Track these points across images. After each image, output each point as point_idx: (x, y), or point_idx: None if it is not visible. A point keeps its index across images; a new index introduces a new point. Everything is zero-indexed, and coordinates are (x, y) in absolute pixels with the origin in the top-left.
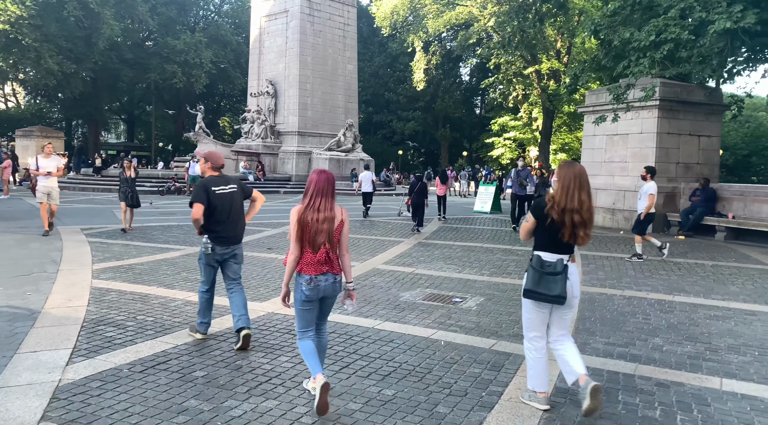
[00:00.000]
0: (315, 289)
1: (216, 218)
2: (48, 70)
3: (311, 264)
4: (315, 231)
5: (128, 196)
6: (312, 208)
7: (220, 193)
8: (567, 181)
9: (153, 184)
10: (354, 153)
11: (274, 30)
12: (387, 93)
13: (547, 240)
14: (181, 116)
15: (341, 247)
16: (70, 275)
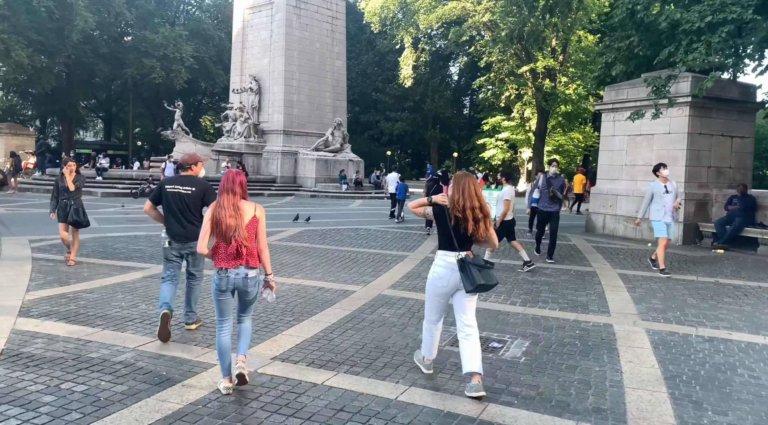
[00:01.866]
0: (224, 281)
1: (167, 215)
2: (18, 63)
3: (224, 257)
4: (226, 227)
5: (68, 210)
6: (219, 206)
7: (171, 191)
8: (463, 185)
9: (126, 185)
10: (343, 153)
11: (258, 23)
12: (375, 93)
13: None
14: (160, 114)
15: (258, 243)
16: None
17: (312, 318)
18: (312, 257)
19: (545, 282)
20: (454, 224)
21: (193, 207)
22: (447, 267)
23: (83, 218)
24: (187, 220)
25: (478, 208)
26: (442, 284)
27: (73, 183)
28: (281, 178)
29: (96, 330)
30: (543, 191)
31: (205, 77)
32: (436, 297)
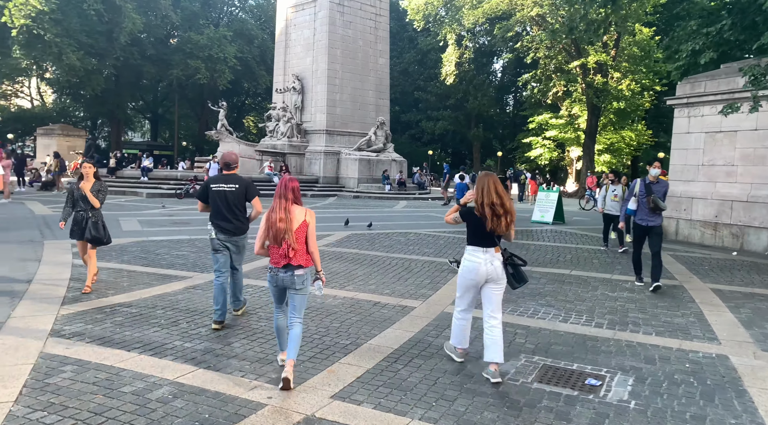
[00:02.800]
0: (273, 278)
1: (213, 212)
2: (70, 66)
3: (275, 257)
4: (276, 229)
5: (85, 225)
6: (272, 209)
7: (217, 189)
8: (484, 184)
9: (171, 185)
10: (385, 153)
11: (301, 21)
12: (416, 91)
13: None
14: (204, 114)
15: (308, 246)
16: (21, 327)
17: (371, 341)
18: (363, 265)
19: (629, 299)
20: (479, 221)
21: (238, 203)
22: (476, 262)
23: (103, 233)
24: (232, 216)
25: (498, 204)
26: (471, 277)
27: (90, 192)
28: (324, 178)
29: (132, 356)
30: (641, 200)
31: (248, 77)
32: (466, 289)
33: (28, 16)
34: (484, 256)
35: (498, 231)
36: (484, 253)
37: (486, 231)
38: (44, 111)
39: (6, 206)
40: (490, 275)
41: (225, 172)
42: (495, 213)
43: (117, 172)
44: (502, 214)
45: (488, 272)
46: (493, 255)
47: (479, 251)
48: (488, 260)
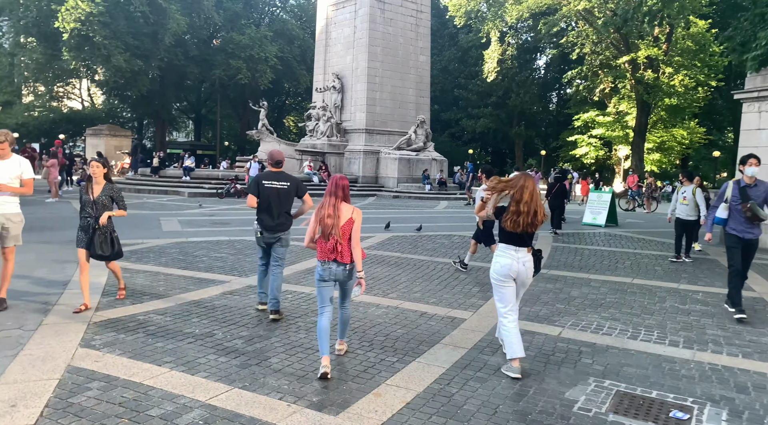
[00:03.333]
0: (326, 271)
1: (261, 207)
2: (116, 67)
3: (324, 251)
4: (323, 224)
5: (92, 234)
6: (322, 205)
7: (269, 186)
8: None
9: (212, 185)
10: (426, 152)
11: (341, 19)
12: (456, 89)
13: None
14: (246, 115)
15: (353, 241)
16: (52, 335)
17: (419, 359)
18: (406, 270)
19: (704, 313)
20: (513, 220)
21: (287, 200)
22: (509, 258)
23: (112, 249)
24: (279, 213)
25: (528, 202)
26: (504, 272)
27: (99, 196)
28: (363, 177)
29: (162, 372)
30: (734, 206)
31: (289, 77)
32: (501, 285)
33: (77, 20)
34: (516, 255)
35: (529, 231)
36: (516, 252)
37: (521, 229)
38: (94, 112)
39: (53, 205)
40: (519, 274)
41: (274, 170)
42: (527, 213)
43: (160, 172)
44: (524, 212)
45: (519, 271)
46: (525, 254)
47: (511, 250)
48: (520, 259)
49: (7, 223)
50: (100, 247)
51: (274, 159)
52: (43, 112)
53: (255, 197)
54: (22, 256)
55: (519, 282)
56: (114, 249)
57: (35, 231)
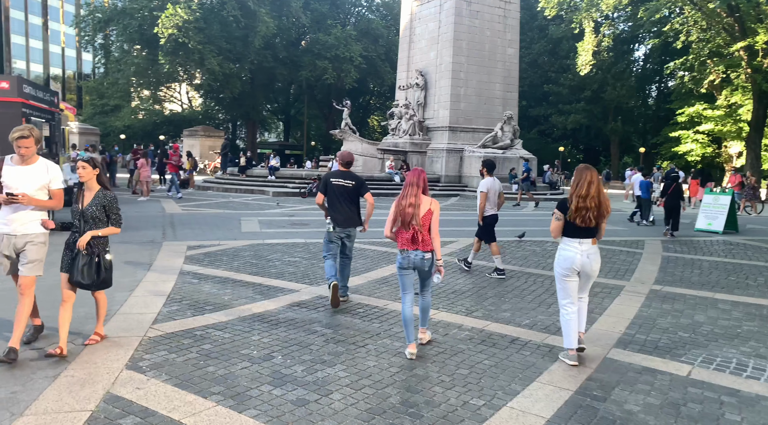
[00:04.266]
0: (405, 260)
1: (331, 204)
2: (210, 70)
3: (404, 240)
4: (405, 214)
5: (75, 253)
6: (403, 196)
7: (336, 184)
8: (581, 177)
9: (296, 184)
10: (513, 150)
11: (426, 14)
12: (546, 84)
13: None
14: (331, 115)
15: (432, 231)
16: (98, 354)
17: (512, 403)
18: (493, 283)
19: None
20: (582, 215)
21: (353, 197)
22: (572, 251)
23: (97, 276)
24: (347, 208)
25: (590, 197)
26: (567, 265)
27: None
28: (445, 177)
29: (206, 407)
30: None
31: (374, 76)
32: (564, 278)
33: (175, 26)
34: (580, 248)
35: (588, 224)
36: (579, 244)
37: (583, 223)
38: (191, 114)
39: (143, 204)
40: (584, 267)
41: (342, 169)
42: (586, 207)
43: (247, 171)
44: (592, 208)
45: (583, 263)
46: (589, 247)
47: (575, 242)
48: (584, 252)
49: (26, 246)
50: (81, 273)
51: (344, 159)
52: (146, 114)
53: (323, 195)
54: None
55: (584, 275)
56: (99, 277)
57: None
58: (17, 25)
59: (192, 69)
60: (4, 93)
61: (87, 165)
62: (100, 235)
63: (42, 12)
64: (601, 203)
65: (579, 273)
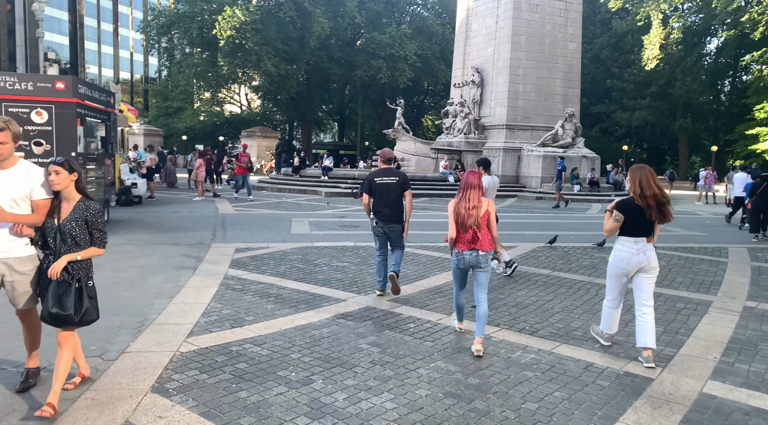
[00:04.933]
0: (460, 261)
1: (376, 201)
2: (267, 72)
3: (462, 242)
4: (466, 216)
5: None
6: (464, 199)
7: (380, 182)
8: (640, 176)
9: (348, 185)
10: (574, 148)
11: (483, 10)
12: (609, 80)
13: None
14: (385, 114)
15: (490, 229)
16: (124, 373)
17: None
18: (559, 294)
19: None
20: (639, 212)
21: (396, 194)
22: (629, 251)
23: (80, 306)
24: (391, 205)
25: (660, 195)
26: (623, 266)
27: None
28: (502, 177)
29: None
30: None
31: (428, 74)
32: (617, 278)
33: (233, 28)
34: (636, 246)
35: (661, 222)
36: (635, 243)
37: (644, 221)
38: (250, 115)
39: (198, 204)
40: (642, 264)
41: (384, 166)
42: (658, 203)
43: (300, 171)
44: (665, 203)
45: (640, 261)
46: (645, 244)
47: (630, 241)
48: (641, 250)
49: (10, 275)
50: (58, 302)
51: (385, 156)
52: (207, 116)
53: (368, 195)
54: (145, 260)
55: (643, 271)
56: (82, 307)
57: (171, 231)
58: (90, 31)
59: (249, 70)
60: (60, 93)
61: (61, 169)
62: (80, 259)
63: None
64: (668, 198)
65: (636, 273)
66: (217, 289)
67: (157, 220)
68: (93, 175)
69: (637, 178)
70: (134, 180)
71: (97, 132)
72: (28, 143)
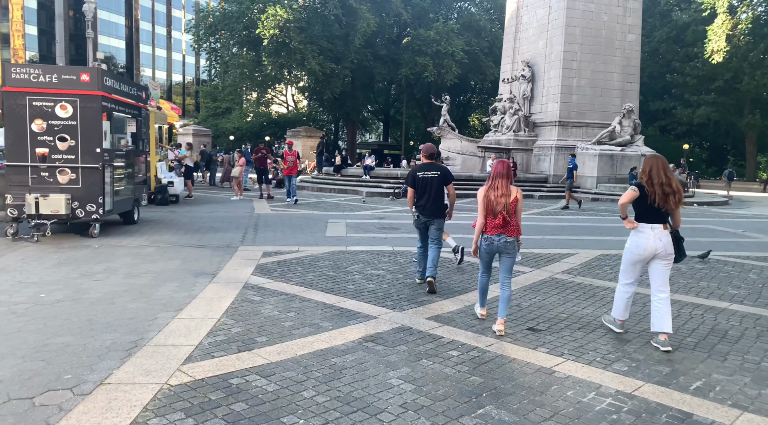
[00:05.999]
0: (489, 246)
1: (418, 195)
2: (311, 71)
3: (491, 227)
4: (495, 203)
5: None
6: (493, 188)
7: (422, 176)
8: (651, 165)
9: (390, 185)
10: (633, 147)
11: (534, 1)
12: (669, 74)
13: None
14: (430, 113)
15: (517, 215)
16: (101, 406)
17: None
18: (636, 316)
19: None
20: (650, 200)
21: (438, 188)
22: (644, 237)
23: None
24: (432, 199)
25: (666, 184)
26: (638, 251)
27: None
28: (554, 177)
29: None
30: None
31: (475, 71)
32: (632, 264)
33: (277, 26)
34: (653, 233)
35: (667, 209)
36: (651, 230)
37: (654, 208)
38: (296, 116)
39: (235, 203)
40: (658, 251)
41: (427, 161)
42: (664, 192)
43: (342, 171)
44: (670, 193)
45: (656, 248)
46: (661, 231)
47: (647, 227)
48: (657, 236)
49: None
50: None
51: (427, 151)
52: (254, 116)
53: (413, 189)
54: (163, 265)
55: (659, 258)
56: None
57: (200, 232)
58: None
59: (294, 69)
60: (85, 85)
61: None
62: None
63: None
64: (679, 188)
65: (654, 258)
66: (233, 301)
67: (189, 220)
68: (121, 173)
69: (648, 166)
70: (171, 178)
71: (127, 127)
72: (52, 138)
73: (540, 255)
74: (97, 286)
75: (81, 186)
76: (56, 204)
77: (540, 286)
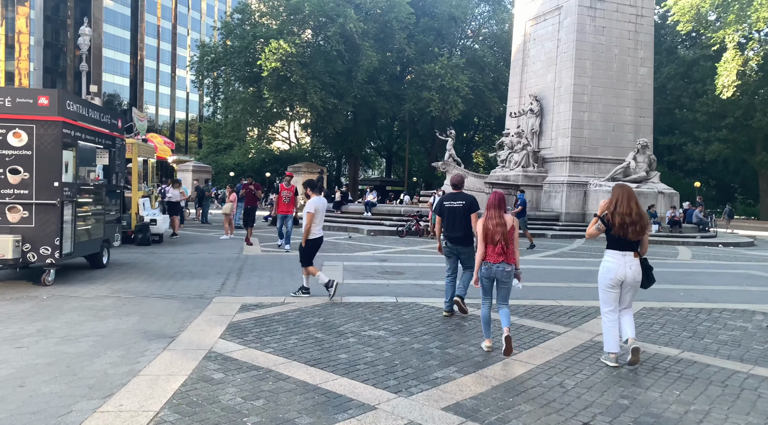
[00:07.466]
0: (488, 271)
1: (446, 224)
2: (312, 106)
3: (491, 255)
4: (493, 232)
5: None
6: (489, 218)
7: (449, 206)
8: (617, 195)
9: (393, 222)
10: (649, 183)
11: (542, 34)
12: (678, 110)
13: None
14: (434, 149)
15: (513, 243)
16: None
17: None
18: (694, 388)
19: None
20: (621, 229)
21: (465, 217)
22: (614, 263)
23: None
24: (460, 228)
25: (627, 213)
26: (610, 276)
27: None
28: (566, 215)
29: None
30: None
31: (480, 107)
32: (607, 289)
33: (278, 59)
34: (623, 259)
35: (629, 238)
36: (622, 257)
37: (619, 236)
38: (298, 152)
39: (224, 243)
40: (627, 277)
41: (454, 191)
42: (622, 221)
43: (342, 207)
44: (629, 224)
45: (626, 274)
46: (631, 259)
47: (618, 254)
48: (627, 263)
49: None
50: None
51: (453, 181)
52: (256, 153)
53: (440, 217)
54: (115, 323)
55: (627, 285)
56: None
57: (174, 278)
58: (150, 73)
59: (295, 104)
60: (43, 110)
61: None
62: None
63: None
64: (642, 217)
65: (622, 284)
66: (185, 380)
67: (167, 263)
68: (88, 210)
69: (615, 196)
70: (153, 216)
71: (98, 159)
72: (2, 171)
73: (572, 309)
74: (14, 358)
75: (34, 225)
76: (2, 247)
77: (582, 355)
